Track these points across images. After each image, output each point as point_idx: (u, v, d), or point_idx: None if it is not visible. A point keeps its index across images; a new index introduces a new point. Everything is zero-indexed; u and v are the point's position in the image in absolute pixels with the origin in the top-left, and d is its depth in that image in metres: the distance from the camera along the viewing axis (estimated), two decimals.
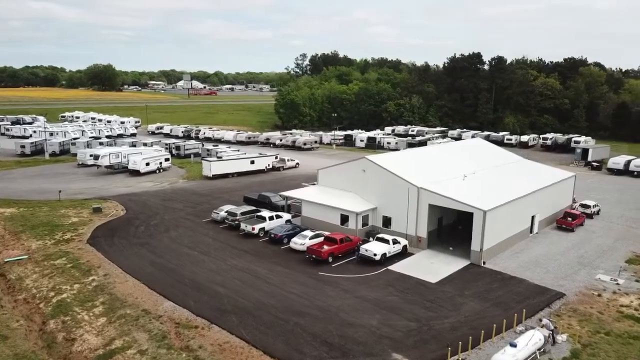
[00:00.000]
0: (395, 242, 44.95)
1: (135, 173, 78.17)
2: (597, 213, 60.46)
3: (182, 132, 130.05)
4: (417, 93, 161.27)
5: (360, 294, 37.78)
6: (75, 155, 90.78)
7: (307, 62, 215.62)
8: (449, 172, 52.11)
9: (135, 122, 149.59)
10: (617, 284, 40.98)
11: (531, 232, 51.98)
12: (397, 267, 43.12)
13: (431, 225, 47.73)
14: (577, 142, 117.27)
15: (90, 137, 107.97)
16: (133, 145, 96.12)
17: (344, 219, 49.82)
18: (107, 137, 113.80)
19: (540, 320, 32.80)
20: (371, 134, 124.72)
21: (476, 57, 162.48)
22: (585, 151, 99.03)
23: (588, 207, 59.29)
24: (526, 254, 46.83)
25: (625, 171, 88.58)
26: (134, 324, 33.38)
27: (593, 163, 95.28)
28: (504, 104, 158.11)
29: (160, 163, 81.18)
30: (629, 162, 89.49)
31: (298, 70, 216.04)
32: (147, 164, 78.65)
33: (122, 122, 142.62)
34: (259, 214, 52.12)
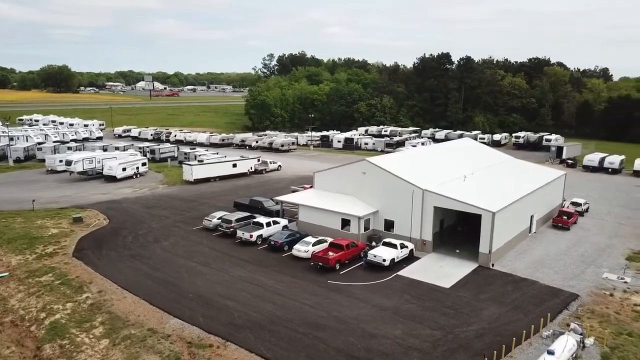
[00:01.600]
0: (402, 246, 43.75)
1: (111, 179, 74.21)
2: (587, 210, 61.16)
3: (152, 134, 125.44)
4: (388, 93, 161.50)
5: (376, 303, 36.30)
6: (42, 161, 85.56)
7: (274, 62, 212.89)
8: (448, 173, 51.37)
9: (100, 125, 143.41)
10: (625, 282, 41.05)
11: (530, 231, 51.84)
12: (406, 272, 41.90)
13: (434, 227, 46.77)
14: (549, 140, 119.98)
15: (54, 142, 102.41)
16: (104, 149, 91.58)
17: (345, 224, 48.28)
18: (73, 141, 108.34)
19: (568, 324, 32.17)
20: (348, 134, 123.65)
21: (445, 57, 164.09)
22: (559, 149, 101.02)
23: (579, 205, 59.88)
24: (530, 255, 46.54)
25: (600, 168, 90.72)
26: (141, 346, 30.78)
27: (568, 160, 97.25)
28: (473, 104, 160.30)
29: (137, 168, 77.42)
30: (603, 159, 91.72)
31: (266, 71, 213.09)
32: (124, 169, 74.82)
33: (86, 125, 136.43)
34: (255, 220, 49.92)
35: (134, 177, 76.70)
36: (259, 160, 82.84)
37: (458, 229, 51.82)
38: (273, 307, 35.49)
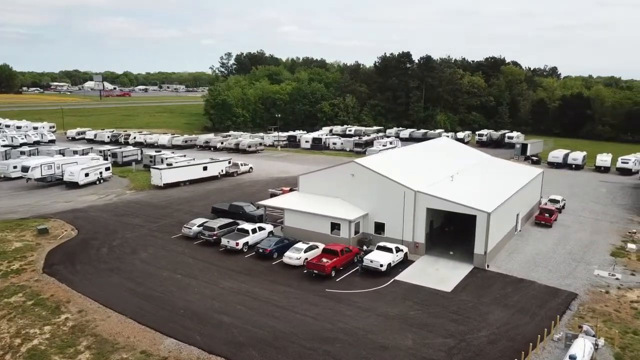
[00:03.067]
0: (398, 250, 42.54)
1: (73, 185, 69.53)
2: (563, 207, 62.07)
3: (109, 137, 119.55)
4: (350, 93, 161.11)
5: (380, 311, 34.86)
6: None
7: (232, 61, 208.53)
8: (435, 174, 50.68)
9: (50, 128, 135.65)
10: (617, 279, 41.35)
11: (516, 230, 51.88)
12: (403, 277, 40.71)
13: (426, 229, 45.86)
14: (511, 138, 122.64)
15: (3, 146, 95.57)
16: (61, 153, 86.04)
17: (335, 228, 46.63)
18: (24, 144, 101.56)
19: (580, 327, 31.75)
20: (315, 134, 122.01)
21: (405, 57, 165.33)
22: (524, 146, 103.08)
23: (557, 202, 60.66)
24: (520, 254, 46.38)
25: (564, 164, 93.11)
26: None
27: (532, 157, 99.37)
28: (434, 102, 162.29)
29: (101, 173, 72.95)
30: (566, 155, 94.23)
31: (223, 70, 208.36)
32: (86, 175, 70.28)
33: (35, 128, 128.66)
34: (239, 227, 47.48)
35: (97, 182, 72.24)
36: (230, 163, 79.90)
37: (445, 230, 51.24)
38: (273, 321, 33.40)
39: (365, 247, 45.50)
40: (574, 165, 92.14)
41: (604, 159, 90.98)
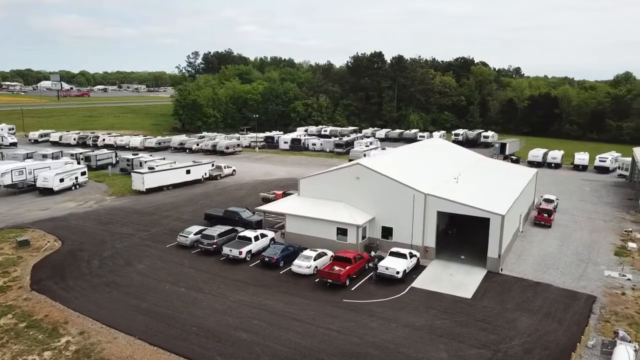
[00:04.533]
0: (411, 255, 41.10)
1: (47, 192, 65.01)
2: (556, 206, 62.25)
3: (75, 139, 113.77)
4: (323, 92, 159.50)
5: (405, 322, 33.26)
6: None
7: (199, 60, 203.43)
8: (439, 175, 49.64)
9: (10, 130, 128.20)
10: (629, 279, 41.25)
11: (519, 231, 51.40)
12: (419, 283, 39.28)
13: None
14: (486, 137, 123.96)
15: None
16: (29, 157, 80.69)
17: (341, 233, 44.79)
18: None
19: (615, 332, 31.04)
20: (294, 135, 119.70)
21: (378, 56, 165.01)
22: (503, 145, 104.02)
23: (551, 201, 60.74)
24: (529, 256, 45.77)
25: (543, 163, 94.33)
26: None
27: (512, 157, 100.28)
28: (407, 102, 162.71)
29: (76, 178, 68.58)
30: (545, 154, 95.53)
31: (190, 69, 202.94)
32: (61, 180, 65.86)
33: None
34: (241, 234, 44.97)
35: (73, 188, 67.93)
36: (213, 166, 76.78)
37: (448, 232, 50.26)
38: (296, 336, 31.27)
39: (373, 253, 43.88)
40: (553, 164, 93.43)
41: (581, 158, 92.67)
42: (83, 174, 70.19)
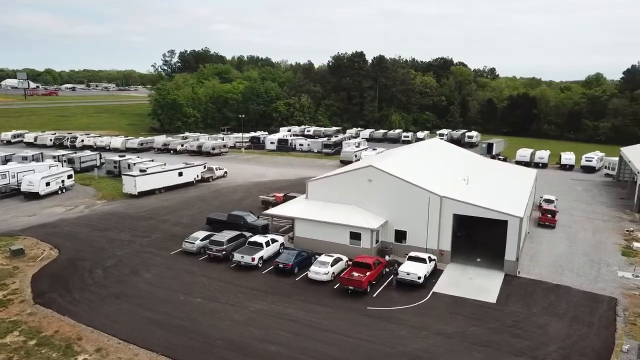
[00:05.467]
0: (430, 259, 40.25)
1: (32, 196, 61.69)
2: (556, 207, 62.54)
3: (52, 140, 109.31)
4: (305, 92, 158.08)
5: (436, 329, 32.31)
6: None
7: (176, 59, 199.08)
8: (447, 177, 49.01)
9: None
10: None
11: (527, 232, 51.22)
12: (440, 288, 38.44)
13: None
14: (471, 137, 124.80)
15: None
16: (8, 160, 76.70)
17: (354, 237, 43.63)
18: None
19: None
20: (280, 135, 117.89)
21: (359, 56, 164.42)
22: (490, 145, 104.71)
23: (552, 201, 60.96)
24: (542, 257, 45.53)
25: (531, 163, 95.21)
26: None
27: (499, 157, 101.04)
28: (388, 102, 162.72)
29: (63, 182, 65.38)
30: (532, 154, 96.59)
31: (166, 68, 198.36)
32: (47, 184, 62.62)
33: None
34: (252, 239, 43.27)
35: (60, 192, 64.72)
36: (204, 167, 74.51)
37: (457, 235, 49.59)
38: (326, 347, 29.95)
39: (387, 257, 42.89)
40: (540, 164, 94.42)
41: (568, 157, 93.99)
42: (69, 177, 66.99)
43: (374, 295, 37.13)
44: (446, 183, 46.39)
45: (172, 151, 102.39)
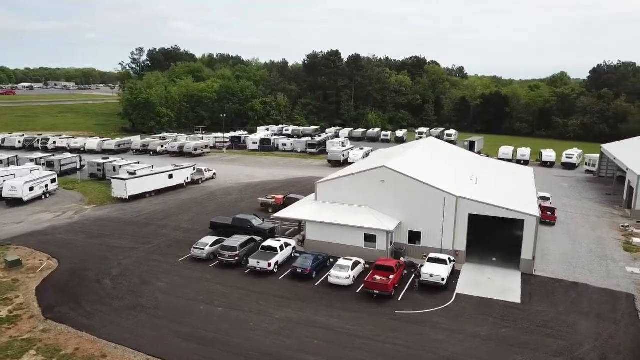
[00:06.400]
0: (450, 260, 39.93)
1: (15, 202, 58.23)
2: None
3: (21, 142, 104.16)
4: (281, 91, 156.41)
5: (470, 332, 31.92)
6: None
7: (144, 57, 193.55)
8: (456, 176, 48.90)
9: None
10: None
11: None
12: (462, 289, 38.14)
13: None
14: (450, 135, 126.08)
15: None
16: None
17: (369, 239, 42.88)
18: None
19: None
20: (262, 135, 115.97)
21: (335, 55, 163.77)
22: (472, 143, 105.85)
23: (548, 199, 61.84)
24: (551, 255, 45.90)
25: (512, 160, 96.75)
26: None
27: (482, 154, 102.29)
28: (364, 101, 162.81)
29: (46, 186, 62.02)
30: (515, 151, 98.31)
31: (134, 67, 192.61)
32: (31, 189, 59.24)
33: None
34: (265, 244, 41.88)
35: (43, 197, 61.39)
36: (194, 169, 72.26)
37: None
38: (366, 355, 29.09)
39: (402, 259, 42.36)
40: (522, 161, 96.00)
41: (549, 155, 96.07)
42: (53, 181, 63.63)
43: (399, 299, 36.48)
44: (455, 182, 46.20)
45: (151, 152, 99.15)
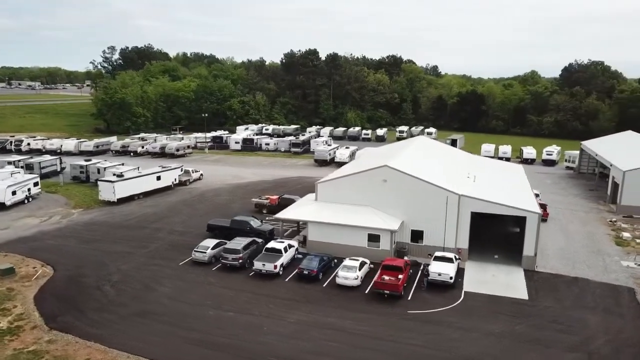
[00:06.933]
0: (456, 259, 40.07)
1: None
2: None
3: None
4: (259, 90, 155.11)
5: (484, 330, 32.02)
6: None
7: (116, 56, 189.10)
8: (454, 175, 49.15)
9: None
10: None
11: None
12: (469, 287, 38.31)
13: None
14: (430, 134, 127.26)
15: None
16: None
17: (372, 239, 42.69)
18: None
19: None
20: (244, 134, 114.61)
21: (313, 54, 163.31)
22: (454, 141, 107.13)
23: (537, 195, 62.73)
24: (548, 251, 46.47)
25: (494, 157, 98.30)
26: None
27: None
28: (343, 100, 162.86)
29: (29, 190, 59.70)
30: (496, 149, 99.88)
31: (106, 65, 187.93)
32: (14, 193, 56.92)
33: None
34: (269, 246, 41.20)
35: (26, 201, 59.10)
36: (182, 170, 70.76)
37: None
38: (385, 357, 28.84)
39: (406, 258, 42.32)
40: (504, 158, 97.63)
41: (529, 152, 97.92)
42: (35, 184, 61.31)
43: (409, 298, 36.39)
44: (454, 181, 46.43)
45: (132, 153, 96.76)
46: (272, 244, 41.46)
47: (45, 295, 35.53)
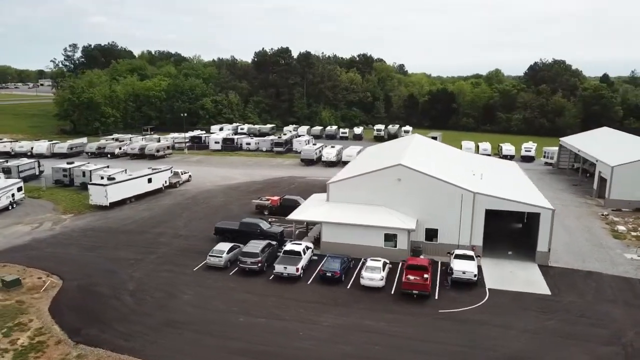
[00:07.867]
0: (477, 256, 40.27)
1: None
2: None
3: None
4: (231, 89, 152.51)
5: (519, 327, 32.23)
6: None
7: (79, 54, 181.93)
8: (462, 173, 49.42)
9: None
10: None
11: None
12: (492, 284, 38.52)
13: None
14: (407, 132, 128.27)
15: None
16: None
17: (389, 239, 42.41)
18: None
19: None
20: (223, 134, 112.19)
21: (285, 52, 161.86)
22: (434, 139, 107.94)
23: None
24: (554, 246, 47.01)
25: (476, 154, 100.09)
26: None
27: None
28: (316, 99, 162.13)
29: (13, 195, 56.36)
30: (477, 146, 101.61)
31: (68, 64, 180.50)
32: None
33: None
34: (288, 249, 40.25)
35: (10, 207, 55.77)
36: (171, 172, 68.51)
37: None
38: (433, 359, 28.55)
39: (422, 257, 42.26)
40: (485, 155, 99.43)
41: (508, 149, 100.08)
42: (19, 189, 57.95)
43: (436, 298, 36.27)
44: (466, 179, 46.67)
45: (109, 155, 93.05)
46: (290, 247, 40.53)
47: (61, 307, 33.45)
